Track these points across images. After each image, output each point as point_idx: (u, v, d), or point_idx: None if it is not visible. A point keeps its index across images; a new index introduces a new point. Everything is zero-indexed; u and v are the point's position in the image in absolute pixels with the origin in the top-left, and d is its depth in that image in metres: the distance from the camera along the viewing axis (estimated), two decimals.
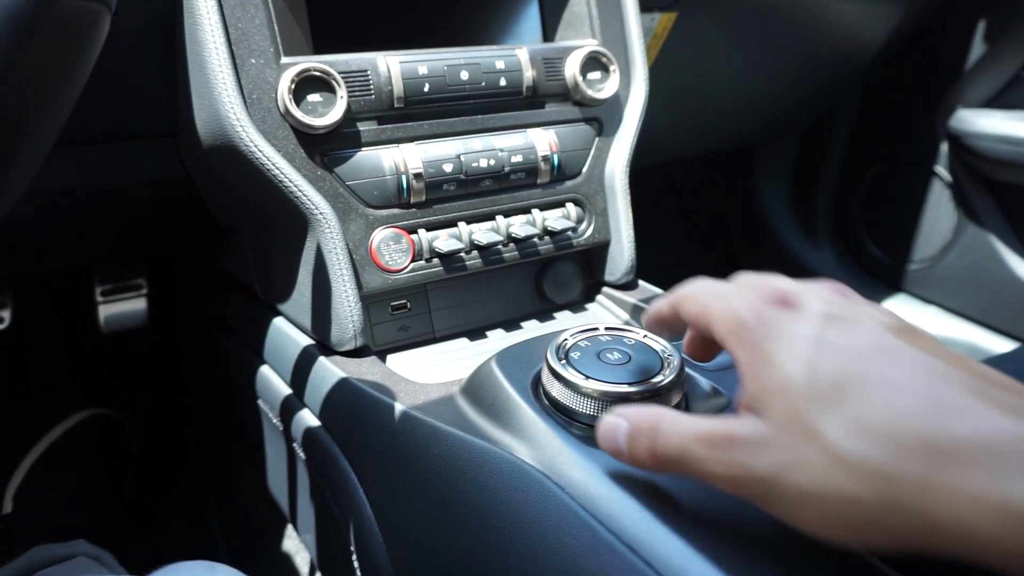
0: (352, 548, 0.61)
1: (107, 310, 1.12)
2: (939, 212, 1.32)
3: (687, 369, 0.49)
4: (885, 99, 1.36)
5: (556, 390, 0.45)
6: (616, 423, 0.35)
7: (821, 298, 0.32)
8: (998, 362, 0.81)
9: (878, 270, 1.43)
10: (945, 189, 1.30)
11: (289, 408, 0.68)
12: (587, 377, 0.44)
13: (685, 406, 0.46)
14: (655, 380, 0.44)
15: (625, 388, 0.43)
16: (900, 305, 1.38)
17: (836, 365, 0.28)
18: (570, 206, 0.74)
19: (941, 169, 1.30)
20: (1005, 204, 1.25)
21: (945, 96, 1.26)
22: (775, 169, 1.50)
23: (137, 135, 0.72)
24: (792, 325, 0.31)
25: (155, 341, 1.22)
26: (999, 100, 1.21)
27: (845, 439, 0.26)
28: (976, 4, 1.20)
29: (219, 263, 0.92)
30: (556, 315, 0.77)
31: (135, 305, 1.13)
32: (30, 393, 1.16)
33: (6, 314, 1.10)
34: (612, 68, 0.74)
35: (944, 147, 1.28)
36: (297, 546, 0.95)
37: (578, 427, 0.44)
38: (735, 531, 0.35)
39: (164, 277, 1.16)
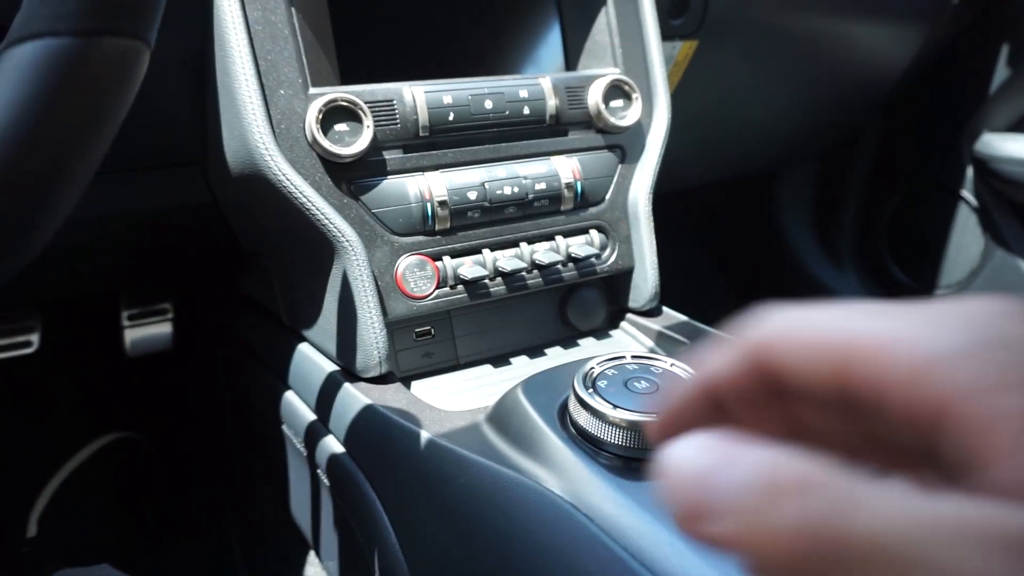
0: None
1: (133, 334, 1.13)
2: (966, 237, 1.30)
3: None
4: (909, 122, 1.36)
5: (583, 419, 0.45)
6: (713, 464, 0.17)
7: None
8: None
9: (903, 296, 1.41)
10: (971, 214, 1.29)
11: (314, 434, 0.69)
12: (615, 406, 0.44)
13: None
14: None
15: (653, 418, 0.43)
16: None
17: None
18: (594, 233, 0.74)
19: (967, 193, 1.29)
20: None
21: (970, 120, 1.25)
22: (797, 193, 1.49)
23: (167, 163, 0.74)
24: None
25: (180, 365, 1.23)
26: None
27: None
28: (1000, 27, 1.19)
29: (244, 288, 0.93)
30: (580, 342, 0.77)
31: (160, 329, 1.15)
32: (56, 416, 1.18)
33: (34, 338, 1.12)
34: (634, 96, 0.74)
35: (970, 171, 1.27)
36: (319, 573, 0.94)
37: (606, 457, 0.44)
38: None
39: (190, 302, 1.18)
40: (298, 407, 0.72)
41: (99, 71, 0.30)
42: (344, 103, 0.61)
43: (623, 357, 0.49)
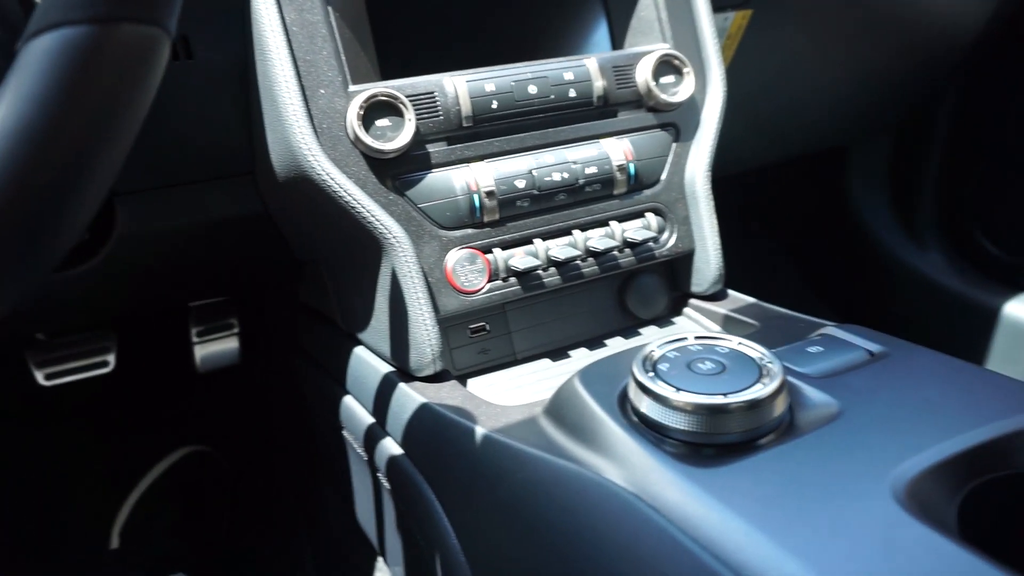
0: None
1: (202, 350, 1.16)
2: None
3: (789, 377, 0.44)
4: (991, 86, 1.26)
5: (645, 405, 0.42)
6: None
7: None
8: None
9: (995, 270, 1.31)
10: None
11: (372, 437, 0.68)
12: (678, 389, 0.41)
13: (790, 419, 0.42)
14: (754, 389, 0.40)
15: (721, 400, 0.40)
16: (1022, 306, 1.26)
17: None
18: (650, 216, 0.70)
19: None
20: None
21: None
22: (870, 169, 1.41)
23: (220, 175, 0.74)
24: None
25: (247, 378, 1.25)
26: None
27: None
28: None
29: (301, 297, 0.93)
30: (642, 331, 0.73)
31: (228, 344, 1.17)
32: (132, 432, 1.21)
33: (111, 358, 1.16)
34: (686, 71, 0.71)
35: None
36: None
37: (671, 444, 0.41)
38: (867, 557, 0.30)
39: (254, 315, 1.20)
40: (356, 411, 0.72)
41: (117, 59, 0.29)
42: (384, 98, 0.60)
43: (685, 339, 0.46)
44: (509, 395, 0.64)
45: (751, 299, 0.72)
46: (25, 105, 0.27)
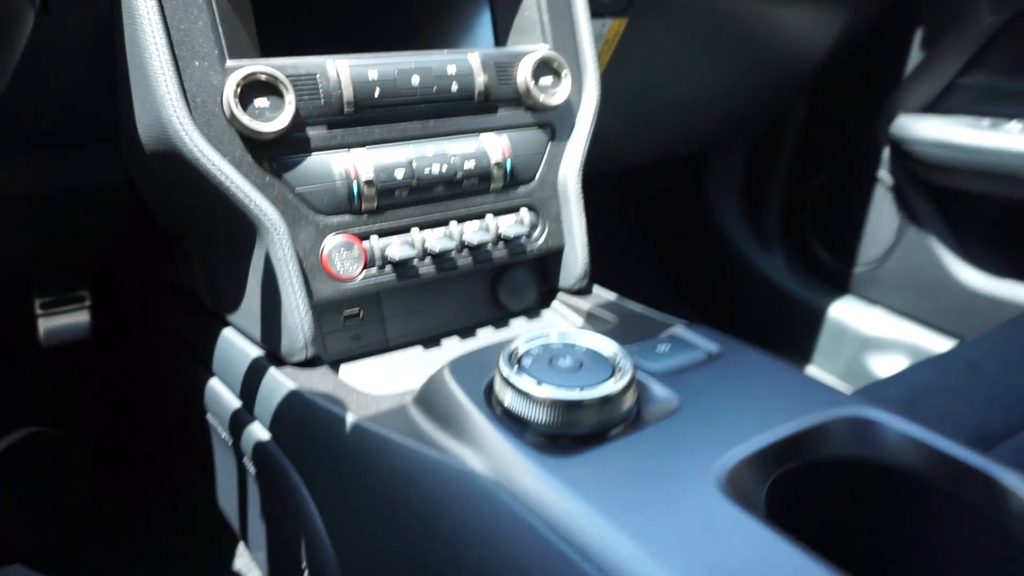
0: (304, 565, 0.59)
1: (47, 323, 1.07)
2: (882, 216, 1.36)
3: (638, 374, 0.49)
4: (831, 107, 1.40)
5: (508, 398, 0.45)
6: None
7: None
8: (938, 361, 0.84)
9: (825, 273, 1.46)
10: (887, 194, 1.34)
11: (239, 422, 0.67)
12: (539, 383, 0.44)
13: (637, 412, 0.47)
14: (606, 385, 0.44)
15: (577, 394, 0.43)
16: (847, 307, 1.42)
17: None
18: (524, 212, 0.74)
19: (884, 174, 1.34)
20: (943, 208, 1.30)
21: (886, 102, 1.30)
22: (727, 175, 1.53)
23: (77, 140, 0.70)
24: None
25: (100, 355, 1.18)
26: (937, 106, 1.26)
27: None
28: (913, 14, 1.24)
29: (166, 273, 0.89)
30: (511, 322, 0.77)
31: (78, 318, 1.09)
32: None
33: None
34: (564, 73, 0.74)
35: (886, 153, 1.32)
36: (249, 564, 0.92)
37: (531, 435, 0.44)
38: (689, 536, 0.35)
39: (109, 288, 1.12)
40: (223, 394, 0.70)
41: None
42: (264, 77, 0.59)
43: (548, 335, 0.49)
44: (381, 382, 0.65)
45: (613, 296, 0.77)
46: None
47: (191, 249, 0.78)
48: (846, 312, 1.41)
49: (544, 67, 0.73)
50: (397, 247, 0.65)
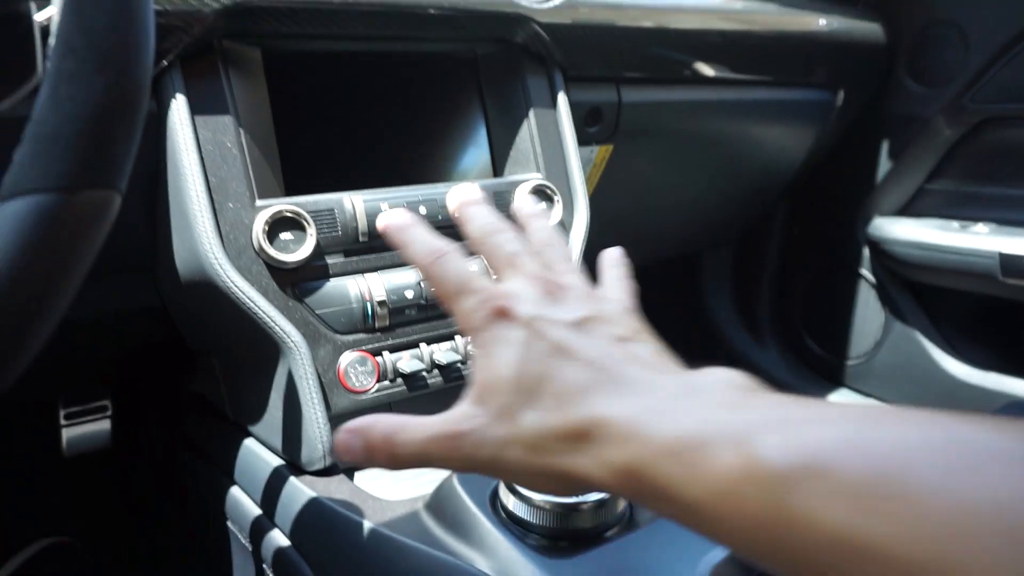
0: None
1: (70, 433, 1.12)
2: (868, 311, 1.42)
3: None
4: (811, 209, 1.49)
5: (512, 503, 0.50)
6: (350, 441, 0.39)
7: (530, 304, 0.39)
8: None
9: (819, 366, 1.51)
10: (871, 290, 1.41)
11: (259, 529, 0.71)
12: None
13: (630, 514, 0.51)
14: (602, 492, 0.49)
15: (575, 499, 0.48)
16: (841, 398, 1.46)
17: (532, 367, 0.36)
18: None
19: (866, 272, 1.41)
20: (925, 303, 1.36)
21: (862, 205, 1.39)
22: (718, 272, 1.60)
23: (118, 270, 0.77)
24: (508, 330, 0.38)
25: (120, 465, 1.22)
26: (909, 209, 1.35)
27: (531, 428, 0.34)
28: (878, 128, 1.35)
29: (189, 385, 0.95)
30: None
31: (99, 427, 1.14)
32: None
33: None
34: (556, 199, 0.82)
35: (866, 251, 1.40)
36: None
37: (533, 538, 0.48)
38: None
39: (130, 399, 1.18)
40: (243, 502, 0.74)
41: (80, 220, 0.35)
42: (289, 214, 0.67)
43: None
44: (393, 487, 0.69)
45: None
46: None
47: (216, 365, 0.84)
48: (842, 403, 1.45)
49: (539, 194, 0.82)
50: (407, 361, 0.71)
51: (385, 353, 0.71)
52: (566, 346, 0.36)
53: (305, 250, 0.67)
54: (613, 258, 0.51)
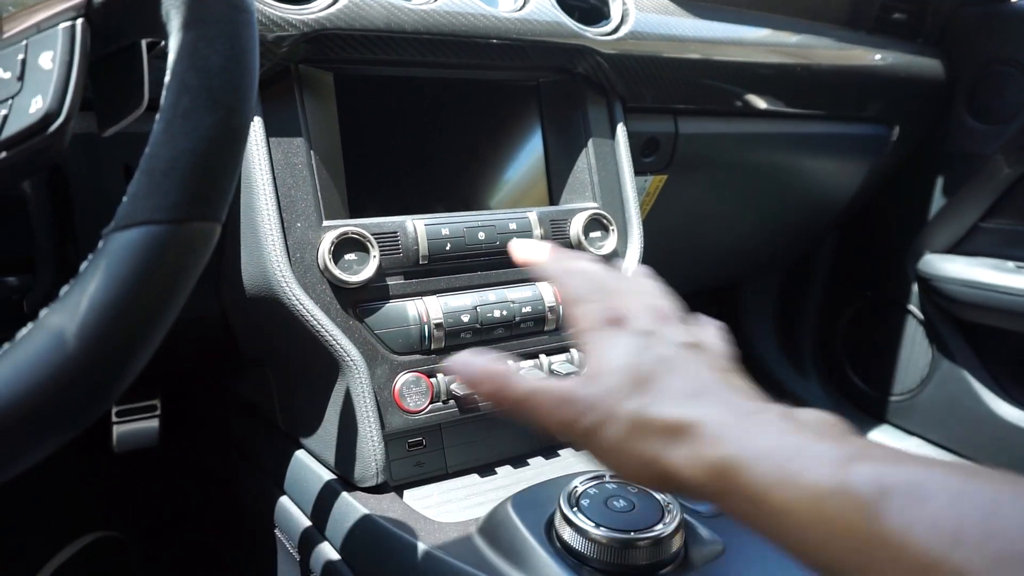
0: None
1: (120, 429, 1.15)
2: (915, 348, 1.40)
3: (686, 516, 0.54)
4: (860, 242, 1.48)
5: (568, 535, 0.50)
6: (471, 360, 0.43)
7: (643, 319, 0.43)
8: None
9: (862, 402, 1.49)
10: (919, 327, 1.39)
11: (308, 541, 0.72)
12: (597, 525, 0.49)
13: (684, 553, 0.52)
14: (658, 528, 0.49)
15: (631, 536, 0.49)
16: (884, 436, 1.44)
17: (642, 366, 0.39)
18: (574, 351, 0.81)
19: (914, 308, 1.39)
20: (974, 342, 1.34)
21: (913, 241, 1.37)
22: (761, 303, 1.60)
23: None
24: (622, 336, 0.42)
25: (168, 464, 1.25)
26: (962, 246, 1.33)
27: (634, 412, 0.37)
28: (934, 163, 1.33)
29: (242, 392, 0.97)
30: (560, 452, 0.82)
31: (147, 425, 1.17)
32: (38, 515, 1.18)
33: None
34: (611, 228, 0.83)
35: (915, 287, 1.38)
36: None
37: (588, 571, 0.49)
38: None
39: (180, 400, 1.21)
40: (293, 513, 0.76)
41: (186, 250, 0.37)
42: (354, 235, 0.69)
43: (603, 476, 0.55)
44: (443, 508, 0.70)
45: None
46: (113, 284, 0.34)
47: (269, 375, 0.86)
48: (883, 441, 1.43)
49: (594, 223, 0.82)
50: (460, 383, 0.72)
51: (439, 375, 0.73)
52: (672, 361, 0.39)
53: (368, 271, 0.69)
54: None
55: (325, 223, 0.70)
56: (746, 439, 0.33)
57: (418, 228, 0.73)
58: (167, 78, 0.37)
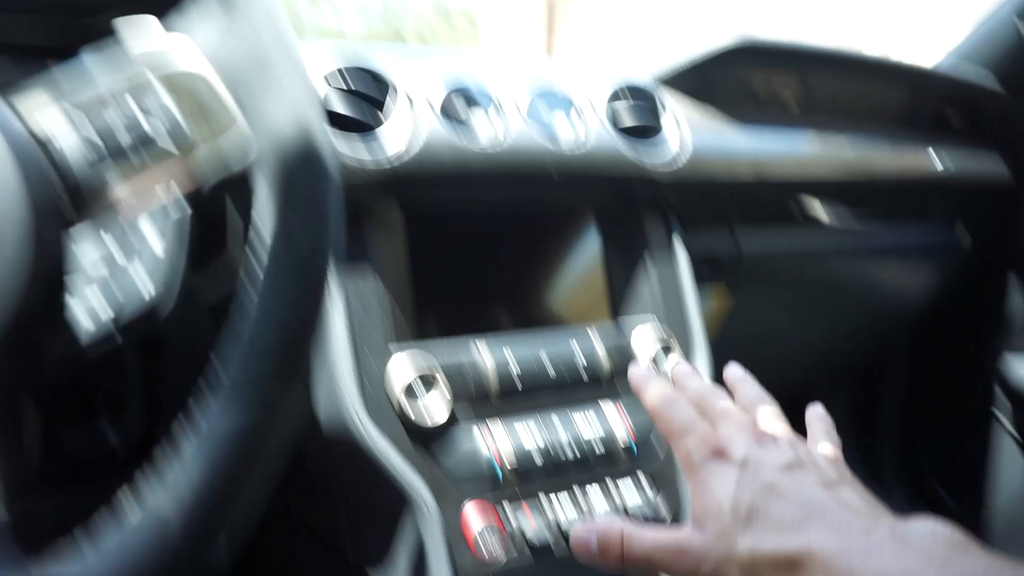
0: None
1: None
2: (1003, 458, 1.31)
3: None
4: (936, 345, 1.42)
5: None
6: (588, 538, 0.44)
7: (743, 447, 0.43)
8: None
9: (951, 518, 1.39)
10: (1006, 436, 1.31)
11: None
12: None
13: None
14: None
15: None
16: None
17: (747, 500, 0.40)
18: (645, 483, 0.78)
19: (1004, 419, 1.31)
20: None
21: (992, 343, 1.31)
22: (833, 413, 1.53)
23: None
24: (724, 468, 0.43)
25: None
26: None
27: (747, 552, 0.39)
28: (1010, 263, 1.29)
29: (306, 517, 0.97)
30: None
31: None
32: None
33: None
34: (672, 344, 0.82)
35: (999, 391, 1.31)
36: None
37: None
38: None
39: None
40: None
41: (280, 431, 0.38)
42: (426, 375, 0.70)
43: None
44: None
45: None
46: (215, 474, 0.36)
47: (339, 504, 0.86)
48: None
49: (656, 339, 0.82)
50: (534, 530, 0.70)
51: (513, 520, 0.71)
52: (777, 486, 0.40)
53: (441, 415, 0.69)
54: (817, 413, 0.58)
55: (390, 346, 0.70)
56: (857, 571, 0.35)
57: (487, 362, 0.73)
58: (261, 255, 0.39)
